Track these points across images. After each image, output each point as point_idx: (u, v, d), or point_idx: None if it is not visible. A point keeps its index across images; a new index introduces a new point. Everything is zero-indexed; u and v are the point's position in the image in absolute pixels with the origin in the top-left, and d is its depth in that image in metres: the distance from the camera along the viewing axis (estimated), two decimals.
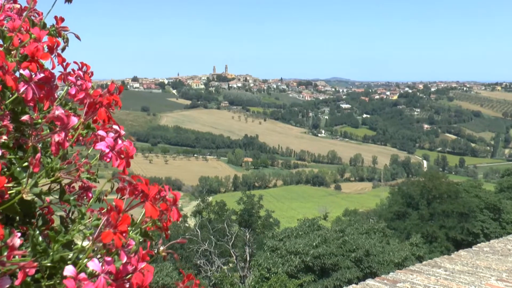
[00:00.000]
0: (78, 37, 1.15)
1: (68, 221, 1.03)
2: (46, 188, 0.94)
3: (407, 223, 28.32)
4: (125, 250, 0.82)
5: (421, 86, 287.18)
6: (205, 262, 22.10)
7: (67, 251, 0.84)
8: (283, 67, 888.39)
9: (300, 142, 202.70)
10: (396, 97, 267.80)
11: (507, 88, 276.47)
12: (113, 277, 0.79)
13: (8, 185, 0.85)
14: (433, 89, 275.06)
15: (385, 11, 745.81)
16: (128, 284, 0.80)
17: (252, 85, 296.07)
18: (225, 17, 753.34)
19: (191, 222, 34.54)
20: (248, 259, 22.14)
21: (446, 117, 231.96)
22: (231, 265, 24.89)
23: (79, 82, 1.06)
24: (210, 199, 37.80)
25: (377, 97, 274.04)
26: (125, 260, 0.81)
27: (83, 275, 0.75)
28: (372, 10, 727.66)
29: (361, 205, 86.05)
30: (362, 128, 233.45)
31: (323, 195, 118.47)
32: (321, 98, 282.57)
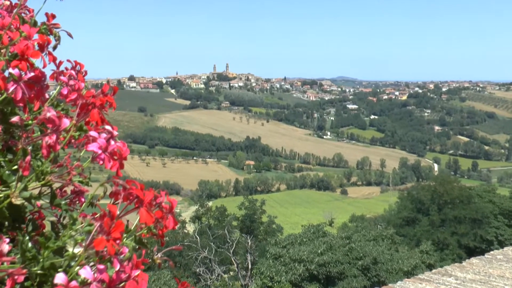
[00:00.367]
0: (70, 35, 1.15)
1: (59, 226, 1.03)
2: (36, 192, 0.94)
3: (417, 229, 28.27)
4: (118, 257, 0.81)
5: (431, 86, 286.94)
6: (204, 270, 22.10)
7: (58, 258, 0.84)
8: (287, 66, 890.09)
9: (304, 144, 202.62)
10: (405, 97, 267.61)
11: None
12: (105, 286, 0.78)
13: None
14: (444, 89, 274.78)
15: (394, 8, 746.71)
16: None
17: (254, 84, 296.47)
18: (226, 13, 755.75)
19: (190, 228, 34.56)
20: (249, 267, 22.12)
21: (458, 118, 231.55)
22: (232, 273, 24.89)
23: (71, 82, 1.06)
24: (210, 204, 37.81)
25: (386, 97, 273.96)
26: (118, 267, 0.81)
27: (74, 283, 0.75)
28: (380, 6, 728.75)
29: (368, 210, 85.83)
30: (369, 129, 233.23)
31: (329, 200, 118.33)
32: (326, 98, 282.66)
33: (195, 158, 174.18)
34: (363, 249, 17.41)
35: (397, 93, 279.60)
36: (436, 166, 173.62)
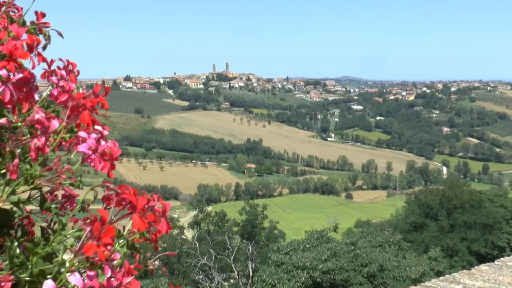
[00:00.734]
0: (60, 34, 1.14)
1: (49, 232, 1.03)
2: (25, 196, 0.95)
3: (425, 235, 28.24)
4: (109, 263, 0.82)
5: (440, 85, 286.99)
6: (204, 277, 22.10)
7: (47, 264, 0.84)
8: (289, 65, 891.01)
9: (307, 146, 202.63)
10: (412, 97, 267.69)
11: None
12: None
13: None
14: (453, 89, 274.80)
15: (401, 4, 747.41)
16: None
17: (255, 84, 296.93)
18: (225, 10, 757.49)
19: (189, 234, 34.58)
20: (251, 274, 22.13)
21: (468, 119, 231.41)
22: (232, 281, 24.90)
23: (61, 83, 1.06)
24: (209, 209, 37.81)
25: (392, 97, 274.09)
26: (109, 274, 0.82)
27: None
28: (386, 2, 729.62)
29: (374, 215, 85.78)
30: (375, 131, 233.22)
31: (333, 205, 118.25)
32: (330, 98, 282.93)
33: (194, 161, 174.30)
34: (369, 256, 17.41)
35: (404, 93, 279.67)
36: (445, 169, 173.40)
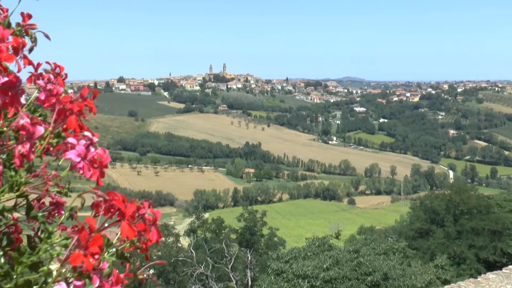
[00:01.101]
0: (47, 36, 1.15)
1: (36, 241, 1.03)
2: (10, 204, 0.95)
3: (431, 242, 28.18)
4: (97, 273, 0.82)
5: (446, 86, 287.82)
6: (201, 287, 22.03)
7: (33, 274, 0.85)
8: (289, 66, 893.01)
9: (308, 150, 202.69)
10: (417, 99, 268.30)
11: None
12: None
13: None
14: (459, 90, 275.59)
15: (405, 2, 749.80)
16: None
17: (253, 86, 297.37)
18: (222, 9, 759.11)
19: (185, 242, 34.50)
20: (249, 283, 22.06)
21: (475, 121, 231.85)
22: None
23: (49, 86, 1.07)
24: (206, 215, 37.78)
25: (396, 99, 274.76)
26: (97, 284, 0.82)
27: None
28: (389, 1, 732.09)
29: (378, 221, 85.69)
30: (379, 134, 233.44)
31: (335, 211, 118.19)
32: (332, 100, 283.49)
33: (190, 166, 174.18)
34: (372, 264, 17.36)
35: (408, 95, 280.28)
36: (451, 173, 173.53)
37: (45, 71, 1.09)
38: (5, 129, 0.96)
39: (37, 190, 0.95)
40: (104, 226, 0.88)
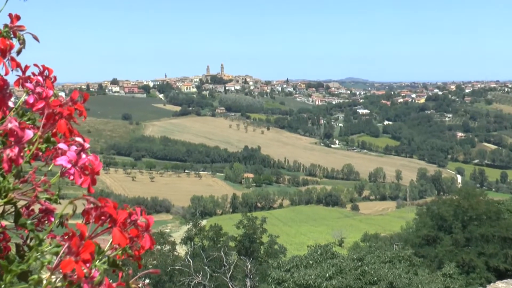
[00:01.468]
0: (36, 38, 1.15)
1: (25, 249, 1.03)
2: None
3: (439, 249, 28.16)
4: (88, 281, 0.83)
5: (453, 87, 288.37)
6: None
7: (22, 283, 0.86)
8: (289, 66, 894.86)
9: (310, 154, 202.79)
10: (423, 100, 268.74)
11: None
12: None
13: None
14: (467, 91, 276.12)
15: (410, 0, 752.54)
16: None
17: (252, 87, 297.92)
18: (220, 8, 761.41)
19: (182, 250, 34.46)
20: None
21: (484, 123, 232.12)
22: None
23: (38, 89, 1.07)
24: (203, 222, 37.71)
25: (401, 100, 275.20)
26: None
27: None
28: None
29: (383, 228, 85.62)
30: (383, 137, 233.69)
31: (338, 217, 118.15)
32: (334, 102, 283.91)
33: (187, 171, 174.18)
34: (377, 273, 17.34)
35: (414, 96, 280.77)
36: (459, 177, 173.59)
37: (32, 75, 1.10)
38: None
39: (25, 196, 0.95)
40: (95, 233, 0.89)
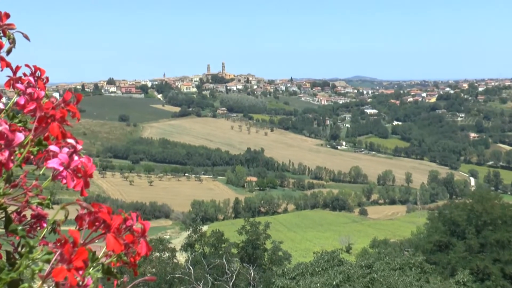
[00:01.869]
0: (26, 37, 1.15)
1: (16, 256, 1.03)
2: None
3: (451, 256, 28.07)
4: None
5: (465, 85, 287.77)
6: None
7: None
8: (294, 65, 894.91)
9: (315, 156, 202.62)
10: (434, 99, 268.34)
11: None
12: None
13: None
14: (481, 89, 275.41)
15: None
16: None
17: (255, 87, 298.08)
18: (221, 5, 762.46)
19: (182, 257, 34.44)
20: None
21: (498, 123, 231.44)
22: None
23: (29, 90, 1.08)
24: (204, 228, 37.71)
25: (411, 99, 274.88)
26: None
27: None
28: None
29: (392, 234, 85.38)
30: (392, 138, 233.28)
31: (345, 222, 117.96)
32: (340, 102, 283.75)
33: (187, 174, 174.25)
34: (386, 280, 17.25)
35: (424, 95, 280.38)
36: (472, 180, 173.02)
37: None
38: None
39: (16, 201, 0.95)
40: (89, 239, 0.90)
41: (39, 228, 1.11)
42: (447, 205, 37.67)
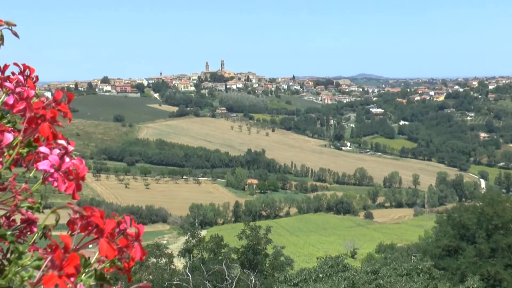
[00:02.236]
0: (15, 34, 1.15)
1: (5, 262, 1.02)
2: None
3: (461, 261, 28.06)
4: None
5: (475, 83, 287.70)
6: None
7: None
8: (296, 63, 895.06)
9: (319, 158, 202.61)
10: (442, 98, 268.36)
11: None
12: None
13: None
14: (491, 87, 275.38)
15: None
16: None
17: (256, 85, 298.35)
18: (220, 0, 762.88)
19: (180, 263, 34.44)
20: None
21: (509, 122, 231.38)
22: None
23: (18, 89, 1.07)
24: (203, 233, 37.72)
25: (418, 98, 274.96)
26: None
27: None
28: None
29: (399, 238, 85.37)
30: (399, 138, 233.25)
31: (350, 226, 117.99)
32: (345, 101, 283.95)
33: (185, 177, 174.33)
34: (393, 287, 17.25)
35: (432, 93, 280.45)
36: (483, 182, 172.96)
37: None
38: None
39: (5, 205, 0.95)
40: (81, 244, 0.89)
41: (29, 233, 1.11)
42: (456, 208, 37.64)
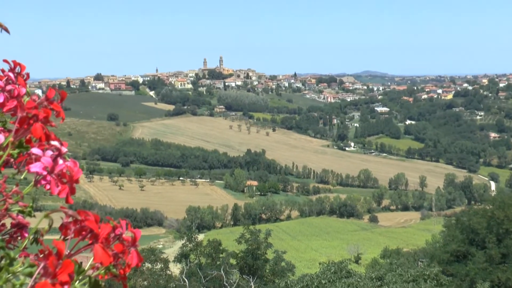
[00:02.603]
0: (6, 30, 1.16)
1: None
2: None
3: (470, 267, 28.03)
4: None
5: (485, 80, 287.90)
6: None
7: None
8: (297, 59, 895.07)
9: (321, 158, 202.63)
10: (451, 96, 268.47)
11: None
12: None
13: None
14: (502, 85, 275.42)
15: None
16: None
17: (256, 83, 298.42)
18: None
19: (176, 269, 34.42)
20: None
21: None
22: None
23: (8, 87, 1.07)
24: (200, 237, 37.74)
25: (425, 96, 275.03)
26: None
27: None
28: None
29: (405, 242, 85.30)
30: (405, 138, 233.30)
31: (354, 230, 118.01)
32: (348, 99, 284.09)
33: (181, 178, 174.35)
34: None
35: (440, 91, 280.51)
36: (493, 184, 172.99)
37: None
38: None
39: None
40: (75, 250, 0.89)
41: (20, 238, 1.10)
42: (465, 211, 37.64)
